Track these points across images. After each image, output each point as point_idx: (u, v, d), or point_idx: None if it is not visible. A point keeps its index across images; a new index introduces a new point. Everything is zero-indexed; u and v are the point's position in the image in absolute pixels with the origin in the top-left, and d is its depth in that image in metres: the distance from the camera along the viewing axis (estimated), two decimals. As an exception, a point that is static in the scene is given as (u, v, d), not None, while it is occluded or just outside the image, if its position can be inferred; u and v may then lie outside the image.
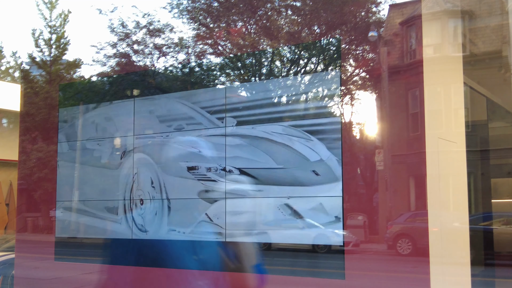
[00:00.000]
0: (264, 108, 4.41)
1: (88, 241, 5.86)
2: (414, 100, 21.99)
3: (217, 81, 5.69)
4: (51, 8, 31.69)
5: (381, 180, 22.43)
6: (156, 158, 4.61)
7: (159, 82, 6.30)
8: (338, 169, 3.91)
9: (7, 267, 10.12)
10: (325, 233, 4.46)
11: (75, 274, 7.25)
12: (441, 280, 4.80)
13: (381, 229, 21.68)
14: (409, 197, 21.82)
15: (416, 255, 17.13)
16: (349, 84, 26.94)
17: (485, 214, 16.15)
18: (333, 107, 4.49)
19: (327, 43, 5.92)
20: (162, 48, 28.83)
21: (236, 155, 4.22)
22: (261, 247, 4.34)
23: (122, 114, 4.97)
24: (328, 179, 3.96)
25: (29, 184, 30.33)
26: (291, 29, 26.13)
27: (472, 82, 9.91)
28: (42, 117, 29.93)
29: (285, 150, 4.12)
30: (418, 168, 19.73)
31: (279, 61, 6.79)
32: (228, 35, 27.20)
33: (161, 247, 4.28)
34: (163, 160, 4.53)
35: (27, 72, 32.17)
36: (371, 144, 27.14)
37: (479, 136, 14.86)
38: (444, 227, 5.23)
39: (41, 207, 30.70)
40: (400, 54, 23.35)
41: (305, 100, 4.65)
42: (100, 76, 29.53)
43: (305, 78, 4.90)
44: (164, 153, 4.61)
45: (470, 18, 15.19)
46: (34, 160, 29.45)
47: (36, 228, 30.20)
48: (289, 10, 27.16)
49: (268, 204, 4.19)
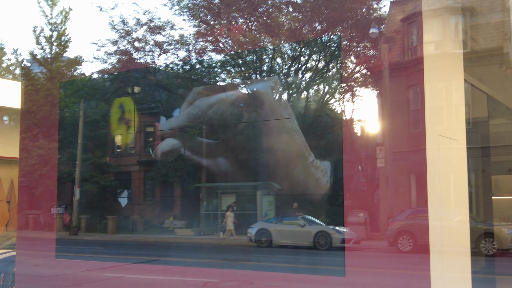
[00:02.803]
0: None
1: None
2: (415, 97, 21.96)
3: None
4: (52, 5, 31.68)
5: (382, 177, 22.43)
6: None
7: (159, 79, 6.31)
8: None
9: (8, 264, 10.14)
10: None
11: (75, 271, 7.26)
12: (440, 276, 4.80)
13: (382, 226, 21.69)
14: (410, 194, 21.80)
15: (417, 251, 17.14)
16: (350, 81, 26.93)
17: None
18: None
19: (328, 40, 5.89)
20: (163, 45, 28.83)
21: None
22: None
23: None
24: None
25: (30, 181, 30.38)
26: (292, 26, 26.11)
27: (473, 79, 9.89)
28: (43, 114, 29.97)
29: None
30: (419, 165, 19.68)
31: (280, 58, 6.77)
32: (228, 32, 27.18)
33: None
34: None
35: (28, 70, 32.14)
36: (372, 141, 27.13)
37: (480, 133, 14.82)
38: (444, 224, 5.24)
39: (42, 204, 30.74)
40: (401, 51, 23.31)
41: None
42: (101, 74, 29.47)
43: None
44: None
45: (471, 15, 15.14)
46: (35, 157, 29.50)
47: (37, 225, 30.24)
48: (290, 7, 27.17)
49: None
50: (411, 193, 21.79)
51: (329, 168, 23.17)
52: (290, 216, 21.93)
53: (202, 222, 25.16)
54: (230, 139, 25.79)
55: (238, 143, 26.55)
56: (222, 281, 12.93)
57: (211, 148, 25.81)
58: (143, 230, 26.79)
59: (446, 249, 5.24)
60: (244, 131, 26.30)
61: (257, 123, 25.48)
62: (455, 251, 5.33)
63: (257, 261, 17.67)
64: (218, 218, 25.06)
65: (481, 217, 18.15)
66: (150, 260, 17.47)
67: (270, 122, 23.98)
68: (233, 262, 17.28)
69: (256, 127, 25.99)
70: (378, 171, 24.18)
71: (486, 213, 17.88)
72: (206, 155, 25.82)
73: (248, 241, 20.98)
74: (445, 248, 5.24)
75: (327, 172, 23.11)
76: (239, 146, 26.45)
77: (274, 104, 23.87)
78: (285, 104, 24.63)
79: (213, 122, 25.84)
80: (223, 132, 25.58)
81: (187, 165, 26.50)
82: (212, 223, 24.80)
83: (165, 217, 26.21)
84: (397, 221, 18.65)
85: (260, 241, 20.57)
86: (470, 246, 5.35)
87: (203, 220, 25.23)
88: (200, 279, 13.30)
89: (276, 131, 23.60)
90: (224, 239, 22.53)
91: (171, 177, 26.82)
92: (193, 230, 24.84)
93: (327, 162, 23.32)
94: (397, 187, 21.50)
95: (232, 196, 25.17)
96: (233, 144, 25.99)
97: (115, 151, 31.22)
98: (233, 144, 25.99)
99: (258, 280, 12.66)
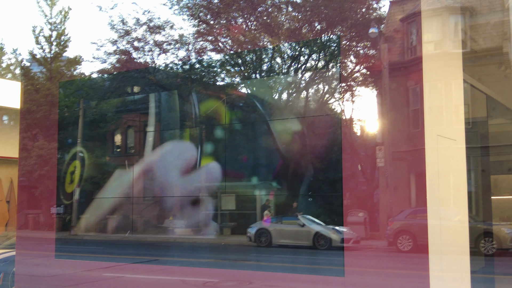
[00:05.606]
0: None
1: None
2: (414, 96, 21.97)
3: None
4: (51, 5, 31.66)
5: (382, 177, 22.44)
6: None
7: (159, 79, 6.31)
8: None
9: (8, 264, 10.14)
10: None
11: (76, 271, 7.26)
12: (440, 276, 4.80)
13: (381, 226, 21.70)
14: (410, 194, 21.81)
15: (417, 251, 17.15)
16: (349, 81, 26.93)
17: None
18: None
19: (327, 40, 5.90)
20: (162, 45, 28.82)
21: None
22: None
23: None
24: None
25: (30, 181, 30.36)
26: (292, 26, 26.10)
27: (472, 79, 9.89)
28: (43, 114, 29.95)
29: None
30: (418, 164, 19.69)
31: (279, 58, 6.78)
32: (228, 31, 27.17)
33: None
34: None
35: (27, 69, 32.12)
36: (372, 140, 27.13)
37: (479, 132, 14.83)
38: (444, 223, 5.24)
39: (42, 204, 30.73)
40: (401, 51, 23.31)
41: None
42: (100, 73, 29.44)
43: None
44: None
45: (470, 14, 15.16)
46: (35, 157, 29.48)
47: (37, 225, 30.24)
48: (289, 7, 27.16)
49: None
50: (410, 192, 21.81)
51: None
52: (289, 216, 21.94)
53: (202, 222, 25.18)
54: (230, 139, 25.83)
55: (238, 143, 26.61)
56: (221, 281, 12.93)
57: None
58: (142, 229, 26.82)
59: (445, 249, 5.25)
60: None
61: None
62: (454, 250, 5.34)
63: (256, 261, 17.67)
64: (217, 218, 25.07)
65: (480, 217, 18.16)
66: (149, 260, 17.48)
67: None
68: (232, 262, 17.28)
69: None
70: (377, 171, 24.19)
71: (485, 212, 17.90)
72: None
73: (248, 241, 20.99)
74: (445, 248, 5.25)
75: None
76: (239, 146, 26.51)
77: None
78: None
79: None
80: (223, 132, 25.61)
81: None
82: (212, 223, 24.83)
83: (165, 216, 26.22)
84: (397, 221, 18.66)
85: (259, 241, 20.57)
86: (469, 245, 5.35)
87: (203, 220, 25.25)
88: (199, 279, 13.30)
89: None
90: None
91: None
92: (193, 230, 24.86)
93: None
94: (396, 186, 21.51)
95: (232, 196, 25.18)
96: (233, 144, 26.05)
97: (115, 151, 31.23)
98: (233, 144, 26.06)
99: (257, 280, 12.66)
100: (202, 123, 26.32)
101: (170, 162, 24.72)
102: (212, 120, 26.35)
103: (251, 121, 26.81)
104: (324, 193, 25.44)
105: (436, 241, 5.25)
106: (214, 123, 26.15)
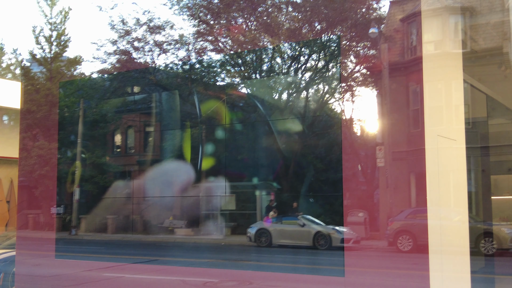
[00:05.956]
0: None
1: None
2: (415, 96, 21.96)
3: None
4: (51, 5, 31.64)
5: (382, 177, 22.43)
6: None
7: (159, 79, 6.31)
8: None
9: (8, 264, 10.14)
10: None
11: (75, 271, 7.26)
12: (440, 276, 4.80)
13: (382, 226, 21.69)
14: (410, 194, 21.80)
15: (417, 251, 17.15)
16: (349, 81, 26.92)
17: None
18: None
19: (327, 40, 5.90)
20: (162, 45, 28.82)
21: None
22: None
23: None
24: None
25: (30, 181, 30.35)
26: (292, 26, 26.09)
27: (472, 79, 9.90)
28: (43, 114, 29.94)
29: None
30: (418, 164, 19.68)
31: (279, 58, 6.78)
32: (228, 31, 27.17)
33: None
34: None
35: (27, 69, 32.10)
36: (372, 140, 27.12)
37: (479, 132, 14.82)
38: (444, 223, 5.24)
39: (42, 204, 30.73)
40: (401, 51, 23.30)
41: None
42: (100, 73, 29.42)
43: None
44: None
45: (470, 14, 15.15)
46: (35, 157, 29.48)
47: (37, 225, 30.22)
48: (289, 7, 27.15)
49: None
50: (410, 192, 21.80)
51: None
52: (290, 216, 21.94)
53: (202, 222, 25.18)
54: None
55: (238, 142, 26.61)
56: (221, 281, 12.93)
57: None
58: (142, 229, 26.82)
59: (445, 249, 5.25)
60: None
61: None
62: (454, 250, 5.34)
63: (256, 261, 17.67)
64: (217, 218, 25.07)
65: (480, 217, 18.16)
66: (149, 260, 17.48)
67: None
68: (233, 262, 17.28)
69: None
70: (377, 171, 24.18)
71: (485, 212, 17.90)
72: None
73: (248, 241, 20.98)
74: (445, 248, 5.25)
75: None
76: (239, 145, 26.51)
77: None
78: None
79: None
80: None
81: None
82: (212, 223, 24.83)
83: (165, 216, 26.22)
84: (397, 221, 18.66)
85: (259, 241, 20.57)
86: (469, 245, 5.36)
87: (203, 220, 25.25)
88: (199, 279, 13.30)
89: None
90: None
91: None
92: (193, 230, 24.86)
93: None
94: (396, 186, 21.50)
95: (232, 196, 25.18)
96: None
97: (115, 151, 31.23)
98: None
99: (257, 280, 12.67)
100: (203, 123, 26.33)
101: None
102: (212, 120, 26.36)
103: (252, 121, 26.82)
104: (324, 193, 25.45)
105: (436, 241, 5.25)
106: (214, 123, 26.16)
